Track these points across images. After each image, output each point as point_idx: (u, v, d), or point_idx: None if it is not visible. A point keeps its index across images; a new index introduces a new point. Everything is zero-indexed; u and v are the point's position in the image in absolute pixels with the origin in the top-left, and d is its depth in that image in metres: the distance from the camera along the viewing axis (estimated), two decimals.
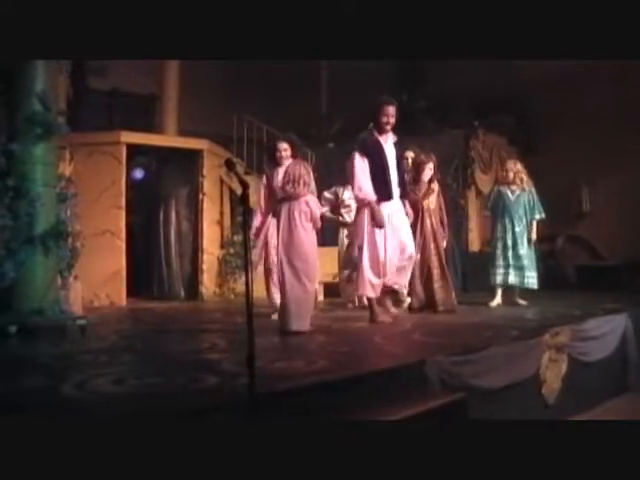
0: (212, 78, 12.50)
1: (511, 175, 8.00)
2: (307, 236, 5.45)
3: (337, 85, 12.26)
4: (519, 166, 8.14)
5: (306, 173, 5.64)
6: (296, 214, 5.44)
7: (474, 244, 11.55)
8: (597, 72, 10.30)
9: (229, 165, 3.13)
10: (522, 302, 7.83)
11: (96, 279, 8.61)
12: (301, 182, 5.54)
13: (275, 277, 6.17)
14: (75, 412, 2.84)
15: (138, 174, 10.61)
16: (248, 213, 2.98)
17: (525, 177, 8.03)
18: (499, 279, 7.85)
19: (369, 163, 6.07)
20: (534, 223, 7.94)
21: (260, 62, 9.50)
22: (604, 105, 11.31)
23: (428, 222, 7.25)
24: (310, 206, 5.53)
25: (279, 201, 5.67)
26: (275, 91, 12.58)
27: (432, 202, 7.36)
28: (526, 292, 7.89)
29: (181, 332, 6.07)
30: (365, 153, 6.10)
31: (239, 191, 7.25)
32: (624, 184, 11.50)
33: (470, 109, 11.73)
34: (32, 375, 3.73)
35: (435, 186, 7.44)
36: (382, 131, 6.16)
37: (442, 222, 7.44)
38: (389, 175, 6.15)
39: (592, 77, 10.78)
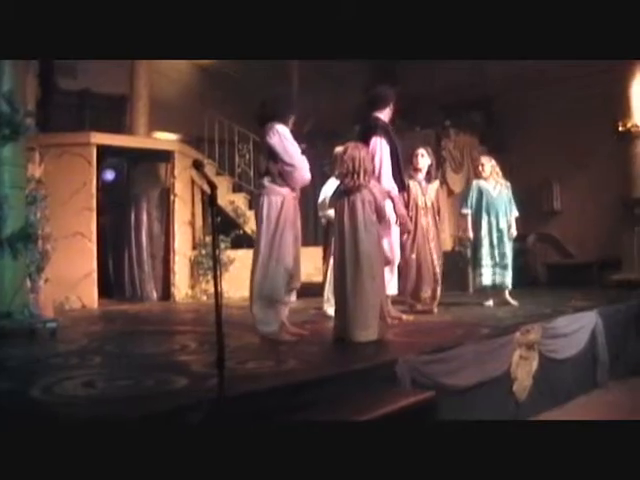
0: (183, 78, 12.44)
1: (488, 170, 7.64)
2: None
3: (308, 85, 12.25)
4: (493, 161, 7.77)
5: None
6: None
7: (446, 243, 11.59)
8: (565, 71, 10.40)
9: (197, 166, 3.13)
10: (513, 302, 7.44)
11: (67, 281, 8.54)
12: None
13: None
14: (44, 416, 2.81)
15: (109, 175, 10.54)
16: (217, 214, 2.98)
17: (500, 172, 7.73)
18: (486, 280, 7.46)
19: (389, 151, 5.58)
20: (513, 219, 7.60)
21: (230, 61, 9.48)
22: (574, 103, 11.42)
23: (424, 221, 6.90)
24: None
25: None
26: (246, 91, 12.54)
27: (430, 198, 7.02)
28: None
29: (152, 334, 6.02)
30: (387, 140, 5.60)
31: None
32: (594, 182, 11.63)
33: (441, 108, 11.77)
34: (0, 379, 3.69)
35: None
36: (390, 121, 5.79)
37: (437, 219, 7.09)
38: (402, 165, 5.73)
39: (560, 76, 10.89)
